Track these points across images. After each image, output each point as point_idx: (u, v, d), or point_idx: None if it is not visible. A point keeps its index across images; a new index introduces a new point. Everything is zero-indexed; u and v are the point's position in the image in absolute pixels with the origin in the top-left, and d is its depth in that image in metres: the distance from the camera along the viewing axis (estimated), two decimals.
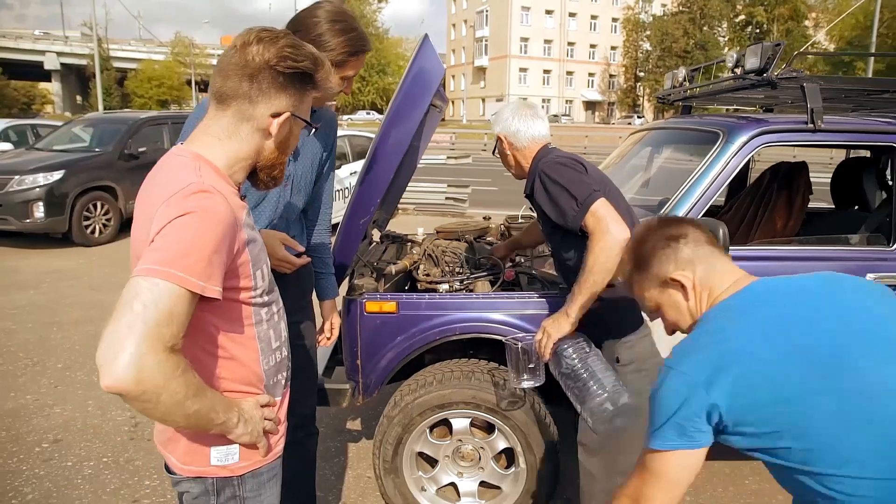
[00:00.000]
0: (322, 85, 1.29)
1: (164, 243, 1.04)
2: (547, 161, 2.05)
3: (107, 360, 0.97)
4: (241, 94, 1.19)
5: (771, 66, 2.46)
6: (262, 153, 1.26)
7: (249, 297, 1.24)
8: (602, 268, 1.84)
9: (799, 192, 3.32)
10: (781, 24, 54.28)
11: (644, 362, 1.99)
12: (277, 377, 1.37)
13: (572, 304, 1.92)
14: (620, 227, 1.84)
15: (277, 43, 1.19)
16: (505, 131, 2.19)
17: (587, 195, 1.88)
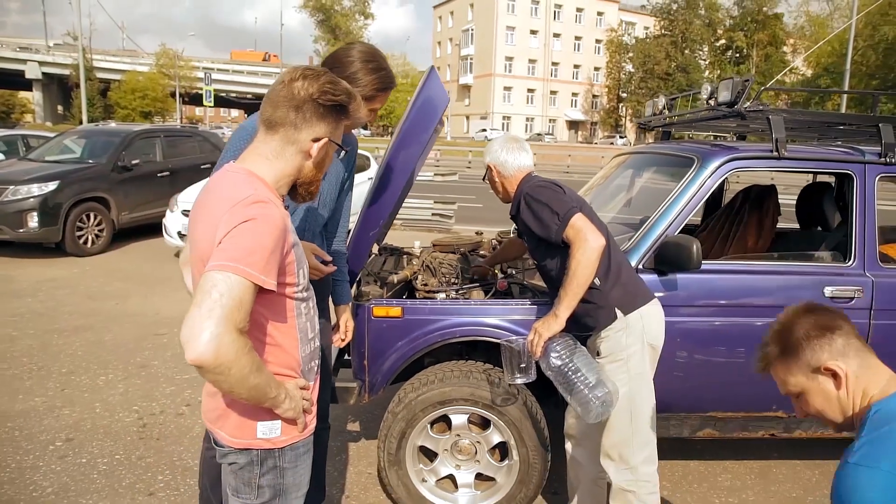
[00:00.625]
0: (354, 115, 1.55)
1: (232, 244, 1.27)
2: (530, 185, 2.36)
3: (191, 338, 1.20)
4: (289, 122, 1.43)
5: (741, 100, 2.74)
6: (302, 171, 1.50)
7: (293, 293, 1.47)
8: (584, 272, 2.11)
9: (768, 213, 3.60)
10: (760, 49, 55.72)
11: (619, 353, 2.25)
12: (311, 364, 1.59)
13: (560, 306, 2.17)
14: (596, 236, 2.13)
15: (319, 80, 1.44)
16: (495, 161, 2.48)
17: (566, 210, 2.17)
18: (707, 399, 2.75)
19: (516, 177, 2.47)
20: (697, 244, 2.41)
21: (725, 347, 2.67)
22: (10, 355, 4.66)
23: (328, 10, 56.47)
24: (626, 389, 2.24)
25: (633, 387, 2.25)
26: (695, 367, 2.67)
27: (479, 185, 20.09)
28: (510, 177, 2.47)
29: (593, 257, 2.11)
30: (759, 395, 2.74)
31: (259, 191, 1.36)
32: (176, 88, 52.34)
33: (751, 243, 3.64)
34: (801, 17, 49.91)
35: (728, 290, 2.67)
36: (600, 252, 2.13)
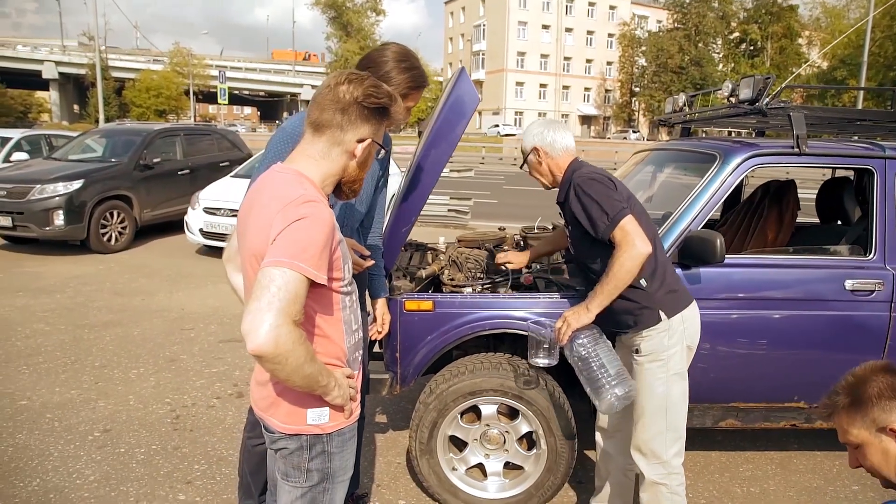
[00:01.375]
0: (395, 117, 1.63)
1: (286, 241, 1.35)
2: (581, 175, 2.30)
3: (252, 330, 1.29)
4: (335, 124, 1.51)
5: (762, 97, 2.79)
6: (347, 171, 1.58)
7: (340, 287, 1.55)
8: (625, 275, 2.16)
9: (788, 207, 3.64)
10: (775, 42, 55.19)
11: (660, 353, 2.29)
12: (356, 354, 1.68)
13: (593, 301, 2.23)
14: (644, 243, 2.14)
15: (363, 84, 1.52)
16: (541, 142, 2.42)
17: (617, 211, 2.16)
18: (729, 390, 2.81)
19: (564, 159, 2.43)
20: (721, 238, 2.47)
21: (748, 339, 2.73)
22: (45, 349, 4.80)
23: (340, 6, 56.53)
24: (664, 388, 2.30)
25: (670, 385, 2.31)
26: (718, 359, 2.73)
27: (494, 181, 20.18)
28: (557, 158, 2.42)
29: (637, 263, 2.15)
30: (781, 385, 2.80)
31: (308, 191, 1.45)
32: (190, 86, 52.73)
33: (771, 237, 3.68)
34: (817, 8, 49.36)
35: (750, 283, 2.72)
36: (645, 259, 2.16)
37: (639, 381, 2.32)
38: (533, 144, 2.45)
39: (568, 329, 2.26)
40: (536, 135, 2.44)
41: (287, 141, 2.07)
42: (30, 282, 6.85)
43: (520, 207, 14.09)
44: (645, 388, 2.31)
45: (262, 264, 1.35)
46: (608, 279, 2.18)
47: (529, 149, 2.47)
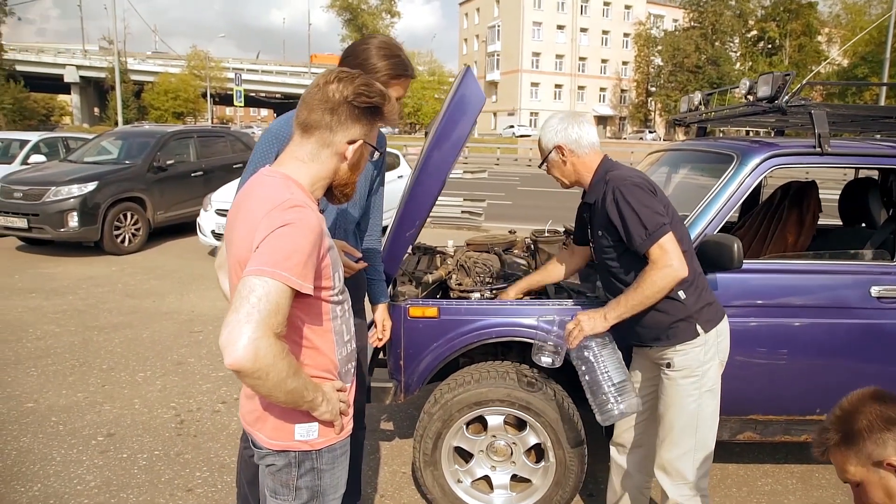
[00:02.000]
0: (388, 117, 1.54)
1: (270, 248, 1.28)
2: (622, 178, 2.10)
3: (229, 343, 1.21)
4: (324, 124, 1.44)
5: (781, 94, 2.68)
6: (337, 174, 1.50)
7: (329, 296, 1.47)
8: (654, 293, 2.05)
9: (809, 209, 3.52)
10: (794, 40, 54.46)
11: (695, 369, 2.17)
12: (348, 366, 1.60)
13: (613, 311, 2.12)
14: (682, 265, 2.03)
15: (354, 82, 1.44)
16: (565, 140, 2.22)
17: (657, 227, 2.01)
18: (748, 402, 2.70)
19: (592, 157, 2.24)
20: (739, 243, 2.36)
21: (767, 349, 2.62)
22: (54, 351, 4.79)
23: (355, 8, 56.75)
24: (696, 406, 2.19)
25: (702, 402, 2.20)
26: (735, 369, 2.61)
27: (508, 182, 20.06)
28: (584, 156, 2.22)
29: (670, 284, 2.04)
30: (803, 398, 2.68)
31: (296, 195, 1.37)
32: (207, 89, 53.18)
33: (791, 241, 3.56)
34: (837, 4, 48.62)
35: (770, 289, 2.61)
36: (679, 281, 2.06)
37: (668, 397, 2.21)
38: (555, 142, 2.24)
39: (580, 334, 2.15)
40: (559, 131, 2.23)
41: (273, 142, 2.01)
42: (44, 283, 6.87)
43: (534, 209, 13.97)
44: (675, 404, 2.20)
45: (244, 273, 1.27)
46: (635, 293, 2.08)
47: (551, 147, 2.26)
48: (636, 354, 2.42)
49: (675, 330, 2.17)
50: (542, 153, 2.32)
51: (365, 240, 2.38)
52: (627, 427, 2.45)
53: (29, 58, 53.86)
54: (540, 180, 22.47)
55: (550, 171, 2.34)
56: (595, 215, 2.24)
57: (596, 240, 2.28)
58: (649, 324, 2.19)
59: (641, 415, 2.42)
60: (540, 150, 2.34)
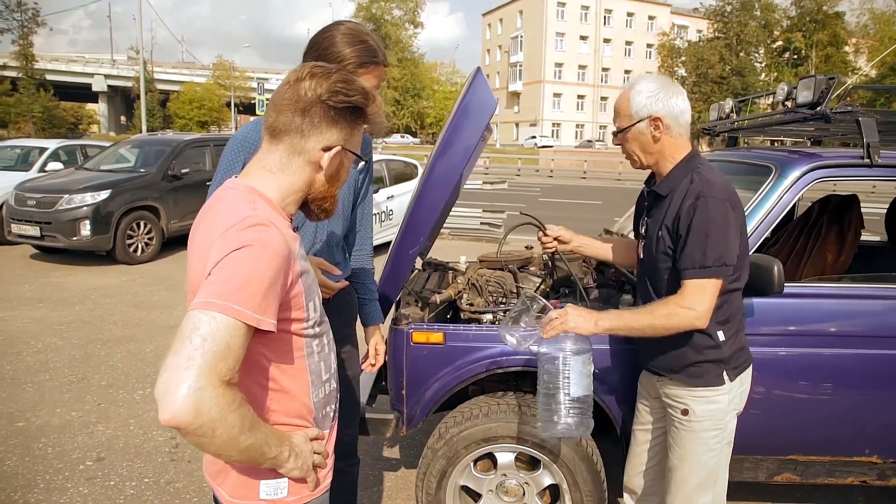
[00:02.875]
0: (373, 119, 1.31)
1: (222, 276, 1.06)
2: (711, 185, 1.79)
3: (165, 394, 0.98)
4: (294, 128, 1.22)
5: (825, 100, 2.42)
6: (313, 186, 1.28)
7: (301, 329, 1.25)
8: (661, 326, 1.81)
9: (850, 226, 3.24)
10: (820, 50, 53.48)
11: (718, 420, 1.93)
12: (326, 409, 1.37)
13: (608, 321, 1.85)
14: (705, 316, 1.78)
15: (330, 78, 1.23)
16: (667, 111, 1.85)
17: (717, 265, 1.75)
18: (788, 440, 2.42)
19: (683, 142, 1.89)
20: (779, 265, 2.11)
21: (809, 382, 2.35)
22: (54, 366, 4.64)
23: (378, 19, 57.01)
24: (715, 461, 1.95)
25: (722, 456, 1.96)
26: (774, 405, 2.35)
27: (529, 194, 19.82)
28: (678, 137, 1.87)
29: (681, 327, 1.80)
30: (850, 437, 2.41)
31: (260, 211, 1.16)
32: (231, 98, 53.74)
33: (830, 259, 3.27)
34: (865, 14, 47.72)
35: (812, 316, 2.34)
36: (691, 328, 1.81)
37: (685, 449, 1.96)
38: (654, 111, 1.85)
39: (560, 326, 1.84)
40: (659, 98, 1.84)
41: (238, 151, 1.81)
42: (52, 292, 6.78)
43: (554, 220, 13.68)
44: (692, 458, 1.94)
45: (190, 306, 1.06)
46: (644, 316, 1.83)
47: (644, 115, 1.86)
48: (644, 383, 2.16)
49: (698, 370, 1.91)
50: (623, 119, 1.91)
51: (353, 256, 2.16)
52: (637, 472, 2.20)
53: (59, 67, 54.91)
54: (561, 191, 22.20)
55: (628, 144, 1.94)
56: (660, 209, 1.92)
57: (650, 236, 1.96)
58: (671, 352, 1.94)
59: (652, 459, 2.17)
60: (621, 115, 1.92)
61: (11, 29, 41.80)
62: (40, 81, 44.14)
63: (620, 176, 29.46)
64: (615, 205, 16.81)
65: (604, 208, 16.40)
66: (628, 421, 2.30)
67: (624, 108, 1.91)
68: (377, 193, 8.87)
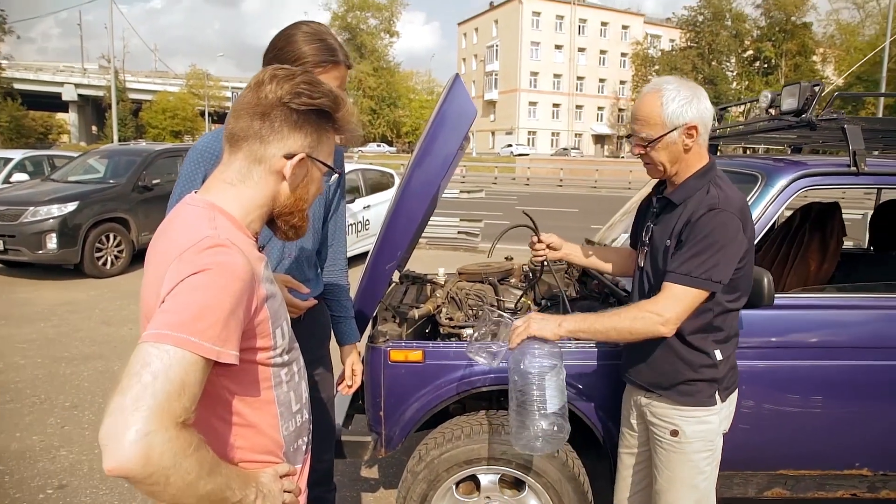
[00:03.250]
0: (343, 126, 1.20)
1: (176, 304, 0.95)
2: (728, 200, 1.71)
3: (111, 440, 0.86)
4: (252, 133, 1.12)
5: (810, 108, 2.38)
6: (277, 199, 1.18)
7: (268, 358, 1.14)
8: (627, 329, 1.74)
9: (833, 233, 3.21)
10: (789, 60, 54.68)
11: (710, 442, 1.86)
12: (298, 443, 1.27)
13: (571, 323, 1.78)
14: (672, 326, 1.70)
15: (293, 79, 1.13)
16: (701, 118, 1.74)
17: (703, 280, 1.67)
18: (777, 455, 2.36)
19: (704, 153, 1.81)
20: (769, 276, 2.05)
21: (799, 395, 2.29)
22: (15, 386, 4.44)
23: (354, 28, 56.96)
24: (706, 484, 1.87)
25: (710, 480, 1.88)
26: (763, 419, 2.29)
27: (506, 202, 19.82)
28: (703, 146, 1.79)
29: (646, 333, 1.72)
30: (840, 449, 2.35)
31: (220, 230, 1.05)
32: (205, 108, 53.17)
33: (813, 268, 3.25)
34: (831, 25, 48.84)
35: (802, 328, 2.29)
36: (654, 336, 1.73)
37: (674, 471, 1.87)
38: (689, 119, 1.72)
39: (524, 332, 1.77)
40: (693, 105, 1.73)
41: (199, 163, 1.70)
42: (16, 309, 6.53)
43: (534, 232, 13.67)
44: (682, 481, 1.86)
45: (141, 338, 0.95)
46: (611, 318, 1.75)
47: (680, 123, 1.73)
48: (627, 403, 2.08)
49: (690, 388, 1.83)
50: (654, 128, 1.76)
51: (326, 271, 2.05)
52: (626, 497, 2.12)
53: (27, 76, 53.86)
54: (538, 200, 22.25)
55: (656, 154, 1.79)
56: (671, 217, 1.82)
57: (656, 244, 1.87)
58: (662, 367, 1.85)
59: (640, 483, 2.09)
60: (650, 123, 1.76)
61: None
62: (7, 90, 43.21)
63: (596, 184, 29.69)
64: (592, 213, 16.88)
65: (581, 216, 16.45)
66: (614, 434, 2.22)
67: (653, 116, 1.76)
68: (353, 203, 8.74)
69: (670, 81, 1.78)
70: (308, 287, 1.81)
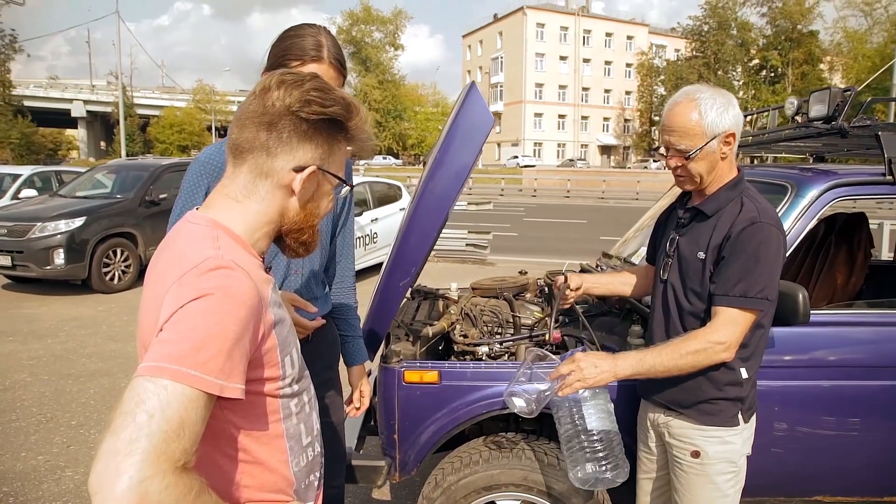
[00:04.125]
0: (356, 135, 1.11)
1: (176, 334, 0.86)
2: (769, 214, 1.67)
3: (101, 488, 0.77)
4: (258, 145, 1.03)
5: (841, 114, 2.29)
6: (286, 215, 1.09)
7: (276, 389, 1.05)
8: (690, 366, 1.65)
9: (860, 245, 3.11)
10: (796, 68, 54.50)
11: (733, 464, 1.76)
12: (310, 478, 1.17)
13: (629, 366, 1.67)
14: (732, 350, 1.64)
15: (303, 86, 1.03)
16: (737, 125, 1.70)
17: (758, 298, 1.61)
18: (812, 479, 2.24)
19: (734, 163, 1.78)
20: (804, 293, 1.95)
21: (836, 417, 2.17)
22: (21, 405, 4.36)
23: (359, 42, 57.27)
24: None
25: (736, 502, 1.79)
26: (796, 442, 2.18)
27: (513, 213, 19.74)
28: (731, 154, 1.74)
29: (708, 363, 1.65)
30: (881, 475, 2.23)
31: (223, 251, 0.97)
32: (212, 122, 53.50)
33: (840, 281, 3.14)
34: (838, 33, 48.68)
35: (839, 346, 2.18)
36: (715, 363, 1.67)
37: (694, 493, 1.78)
38: (728, 126, 1.68)
39: (579, 385, 1.67)
40: (729, 111, 1.68)
41: (201, 176, 1.61)
42: (24, 325, 6.47)
43: (540, 240, 13.59)
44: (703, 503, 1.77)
45: (136, 371, 0.86)
46: (669, 355, 1.65)
47: (720, 131, 1.67)
48: (643, 424, 1.98)
49: (713, 407, 1.74)
50: (693, 139, 1.68)
51: (334, 290, 1.97)
52: None
53: (37, 93, 54.44)
54: (545, 211, 22.17)
55: (695, 165, 1.72)
56: (704, 229, 1.75)
57: (685, 256, 1.78)
58: (685, 384, 1.76)
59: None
60: (689, 134, 1.69)
61: None
62: (18, 108, 43.59)
63: (604, 194, 29.58)
64: (600, 223, 16.78)
65: (589, 227, 16.34)
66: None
67: (692, 126, 1.69)
68: (360, 216, 8.68)
69: (703, 90, 1.72)
70: (316, 305, 1.72)
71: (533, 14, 61.68)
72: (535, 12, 61.91)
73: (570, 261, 3.48)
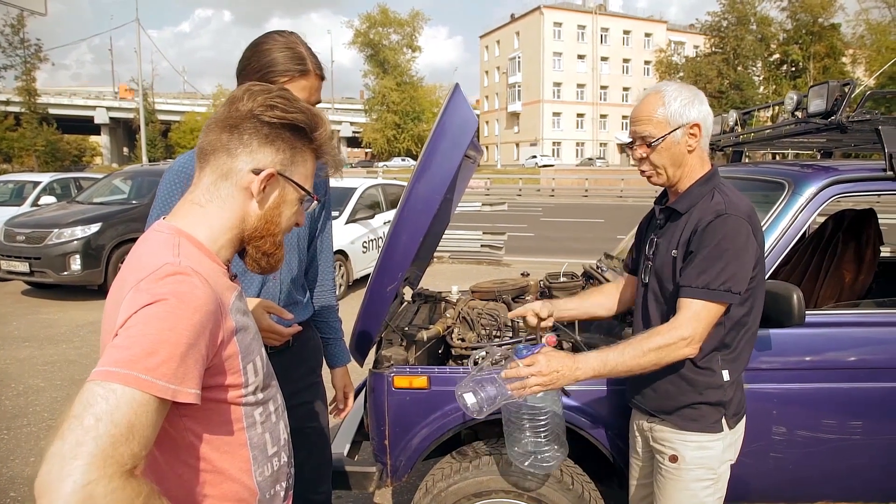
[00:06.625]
0: (322, 147, 1.12)
1: (128, 339, 0.86)
2: (736, 206, 1.62)
3: (46, 491, 0.77)
4: (220, 146, 1.05)
5: (840, 109, 2.22)
6: (247, 220, 1.08)
7: (239, 397, 1.04)
8: (652, 363, 1.58)
9: (869, 242, 3.03)
10: (818, 62, 53.59)
11: (712, 471, 1.71)
12: (275, 489, 1.16)
13: (590, 368, 1.58)
14: (695, 345, 1.57)
15: (268, 93, 1.06)
16: (703, 118, 1.68)
17: (721, 291, 1.55)
18: (814, 485, 2.18)
19: (706, 159, 1.74)
20: (799, 293, 1.89)
21: (836, 421, 2.11)
22: (33, 410, 4.43)
23: (376, 44, 57.49)
24: None
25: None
26: (796, 446, 2.12)
27: (530, 214, 19.66)
28: (706, 148, 1.72)
29: (671, 359, 1.58)
30: (884, 479, 2.17)
31: (183, 257, 0.97)
32: None
33: (848, 280, 3.06)
34: (861, 25, 47.75)
35: (840, 347, 2.12)
36: (679, 359, 1.60)
37: (666, 497, 1.74)
38: (692, 118, 1.67)
39: (538, 389, 1.57)
40: (695, 105, 1.67)
41: (176, 184, 1.62)
42: (40, 330, 6.58)
43: (556, 241, 13.50)
44: None
45: (89, 376, 0.85)
46: (631, 354, 1.57)
47: (684, 122, 1.67)
48: (633, 429, 1.93)
49: (694, 413, 1.69)
50: (655, 127, 1.68)
51: (315, 293, 1.97)
52: None
53: (61, 101, 55.53)
54: (562, 211, 22.04)
55: (657, 156, 1.71)
56: (676, 227, 1.72)
57: (661, 256, 1.75)
58: (666, 390, 1.72)
59: None
60: (652, 122, 1.69)
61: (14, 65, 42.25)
62: (43, 115, 44.50)
63: (622, 193, 29.33)
64: (618, 222, 16.63)
65: (606, 227, 16.21)
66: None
67: (655, 116, 1.69)
68: (373, 219, 8.68)
69: (670, 84, 1.74)
70: (298, 311, 1.72)
71: (550, 13, 61.39)
72: (552, 11, 61.60)
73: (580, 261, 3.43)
